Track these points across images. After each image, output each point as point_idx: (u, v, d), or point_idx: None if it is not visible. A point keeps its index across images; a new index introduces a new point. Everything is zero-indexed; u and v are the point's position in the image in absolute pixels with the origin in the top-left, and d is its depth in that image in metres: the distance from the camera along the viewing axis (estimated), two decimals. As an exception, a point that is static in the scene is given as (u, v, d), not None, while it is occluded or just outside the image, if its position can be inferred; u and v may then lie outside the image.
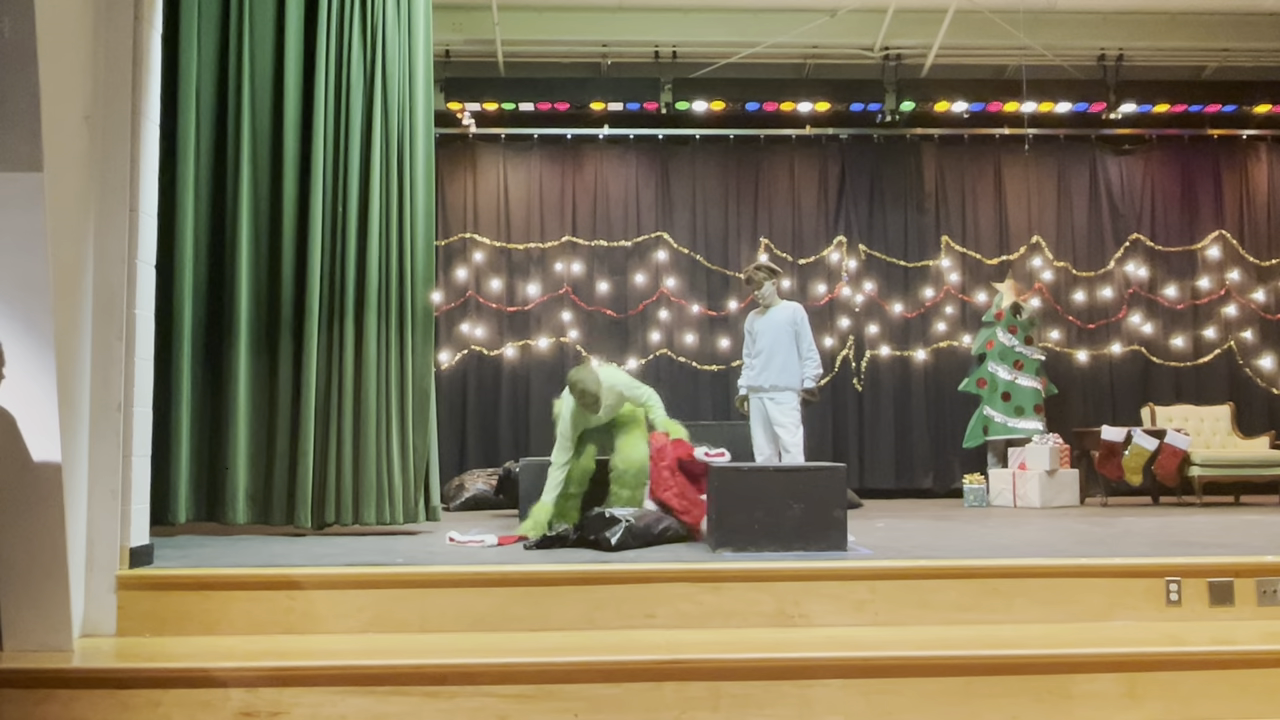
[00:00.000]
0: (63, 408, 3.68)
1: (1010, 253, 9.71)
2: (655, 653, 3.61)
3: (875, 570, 4.19)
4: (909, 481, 9.47)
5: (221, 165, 5.92)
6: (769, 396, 6.44)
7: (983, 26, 8.76)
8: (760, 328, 6.57)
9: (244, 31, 5.92)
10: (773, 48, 8.95)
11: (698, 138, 9.59)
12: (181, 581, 4.07)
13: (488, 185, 9.59)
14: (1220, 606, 4.14)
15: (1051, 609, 4.14)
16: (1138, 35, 9.12)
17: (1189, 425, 8.83)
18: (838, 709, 3.52)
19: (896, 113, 9.37)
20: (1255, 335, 9.62)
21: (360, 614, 4.04)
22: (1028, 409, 8.86)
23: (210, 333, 5.87)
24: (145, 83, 4.16)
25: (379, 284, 5.85)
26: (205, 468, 5.81)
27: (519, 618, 4.04)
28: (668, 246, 9.54)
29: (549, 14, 8.87)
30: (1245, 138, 9.81)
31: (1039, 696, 3.57)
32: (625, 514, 4.99)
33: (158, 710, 3.44)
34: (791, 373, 6.42)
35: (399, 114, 5.95)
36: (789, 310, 6.53)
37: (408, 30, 6.02)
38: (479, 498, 8.27)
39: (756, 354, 6.55)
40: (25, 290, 3.58)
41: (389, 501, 5.73)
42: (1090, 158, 9.82)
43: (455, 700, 3.47)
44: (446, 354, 9.29)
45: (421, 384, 5.88)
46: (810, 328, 6.58)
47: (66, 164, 3.74)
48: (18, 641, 3.76)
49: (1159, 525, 6.19)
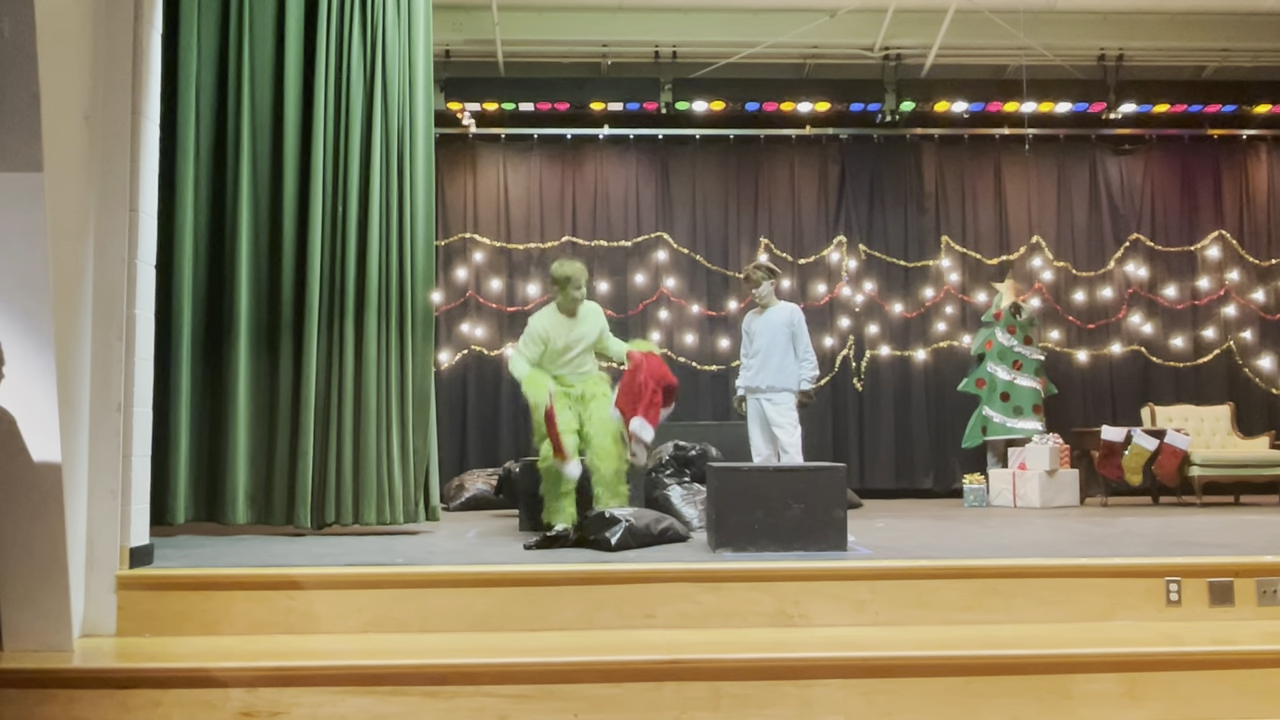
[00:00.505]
0: (63, 408, 3.68)
1: (1010, 253, 9.71)
2: (655, 653, 3.61)
3: (875, 570, 4.19)
4: (909, 481, 9.47)
5: (221, 165, 5.92)
6: (765, 397, 6.44)
7: (983, 26, 8.76)
8: (757, 328, 6.56)
9: (244, 31, 5.92)
10: (773, 48, 8.95)
11: (698, 138, 9.59)
12: (181, 581, 4.07)
13: (488, 185, 9.59)
14: (1220, 606, 4.14)
15: (1051, 609, 4.14)
16: (1138, 35, 9.12)
17: (1189, 425, 8.83)
18: (838, 709, 3.52)
19: (896, 113, 9.37)
20: (1255, 335, 9.62)
21: (360, 614, 4.04)
22: (1026, 409, 8.86)
23: (210, 332, 5.87)
24: (145, 82, 4.16)
25: (379, 284, 5.85)
26: (205, 468, 5.80)
27: (519, 618, 4.04)
28: (668, 246, 9.53)
29: (549, 14, 8.87)
30: (1245, 138, 9.81)
31: (1039, 696, 3.57)
32: (625, 514, 4.99)
33: (158, 710, 3.44)
34: (788, 374, 6.41)
35: (399, 114, 5.95)
36: (786, 311, 6.52)
37: (408, 30, 6.02)
38: (479, 498, 8.27)
39: (753, 354, 6.55)
40: (25, 290, 3.58)
41: (389, 501, 5.73)
42: (1090, 158, 9.82)
43: (455, 700, 3.47)
44: (446, 354, 9.29)
45: (421, 384, 5.88)
46: (808, 329, 6.58)
47: (66, 164, 3.74)
48: (18, 641, 3.76)
49: (1159, 525, 6.19)
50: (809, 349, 6.48)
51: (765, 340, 6.46)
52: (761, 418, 6.48)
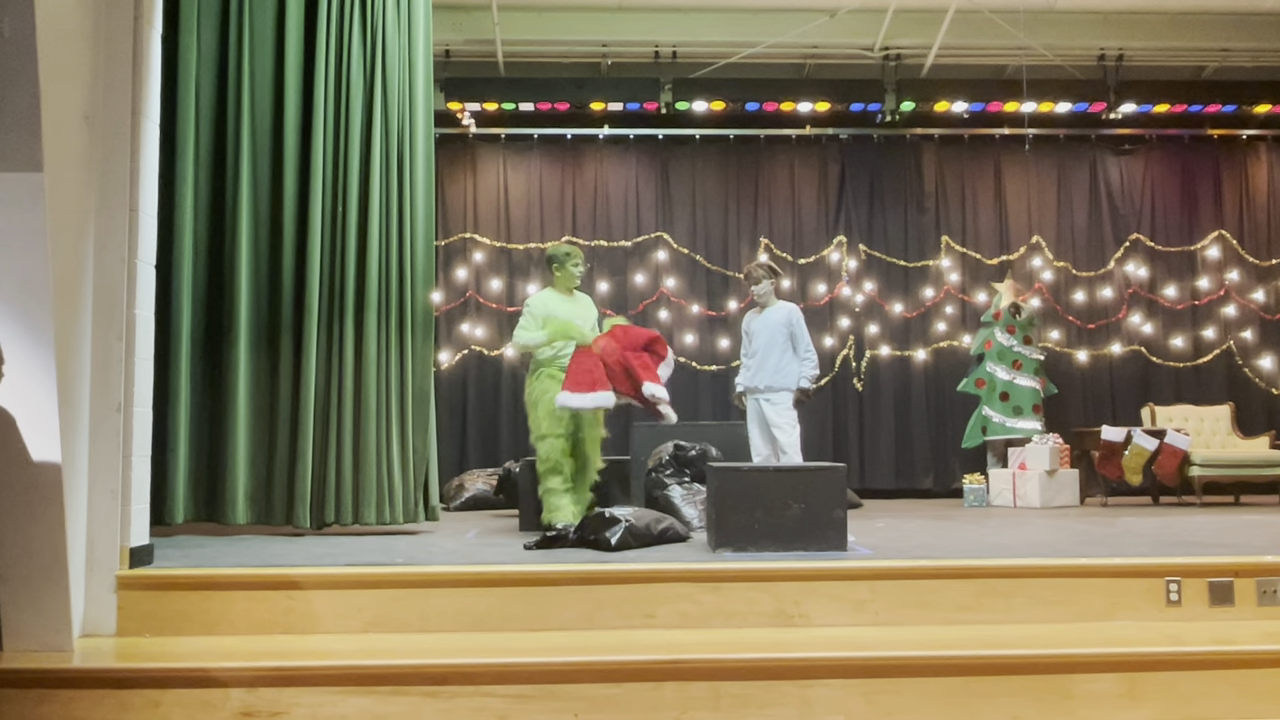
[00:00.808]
0: (63, 408, 3.68)
1: (1010, 253, 9.71)
2: (655, 653, 3.61)
3: (875, 570, 4.19)
4: (909, 481, 9.47)
5: (221, 165, 5.92)
6: (764, 397, 6.43)
7: (983, 26, 8.76)
8: (756, 328, 6.55)
9: (244, 31, 5.92)
10: (773, 48, 8.95)
11: (698, 138, 9.59)
12: (181, 581, 4.07)
13: (488, 185, 9.59)
14: (1220, 606, 4.14)
15: (1051, 609, 4.14)
16: (1138, 35, 9.12)
17: (1189, 425, 8.84)
18: (838, 709, 3.52)
19: (896, 113, 9.37)
20: (1255, 335, 9.62)
21: (360, 614, 4.04)
22: (1026, 409, 8.85)
23: (209, 332, 5.87)
24: (145, 82, 4.16)
25: (379, 284, 5.85)
26: (204, 468, 5.80)
27: (519, 618, 4.04)
28: (668, 246, 9.54)
29: (549, 14, 8.87)
30: (1245, 138, 9.81)
31: (1039, 696, 3.57)
32: (625, 514, 4.99)
33: (158, 710, 3.44)
34: (786, 373, 6.40)
35: (399, 114, 5.95)
36: (784, 311, 6.50)
37: (408, 30, 6.02)
38: (479, 498, 8.27)
39: (752, 354, 6.54)
40: (25, 290, 3.58)
41: (389, 501, 5.73)
42: (1090, 158, 9.82)
43: (455, 700, 3.47)
44: (446, 354, 9.29)
45: (421, 384, 5.88)
46: (808, 329, 6.57)
47: (66, 164, 3.74)
48: (18, 641, 3.76)
49: (1159, 525, 6.19)
50: (809, 347, 6.47)
51: (764, 340, 6.45)
52: (760, 418, 6.47)
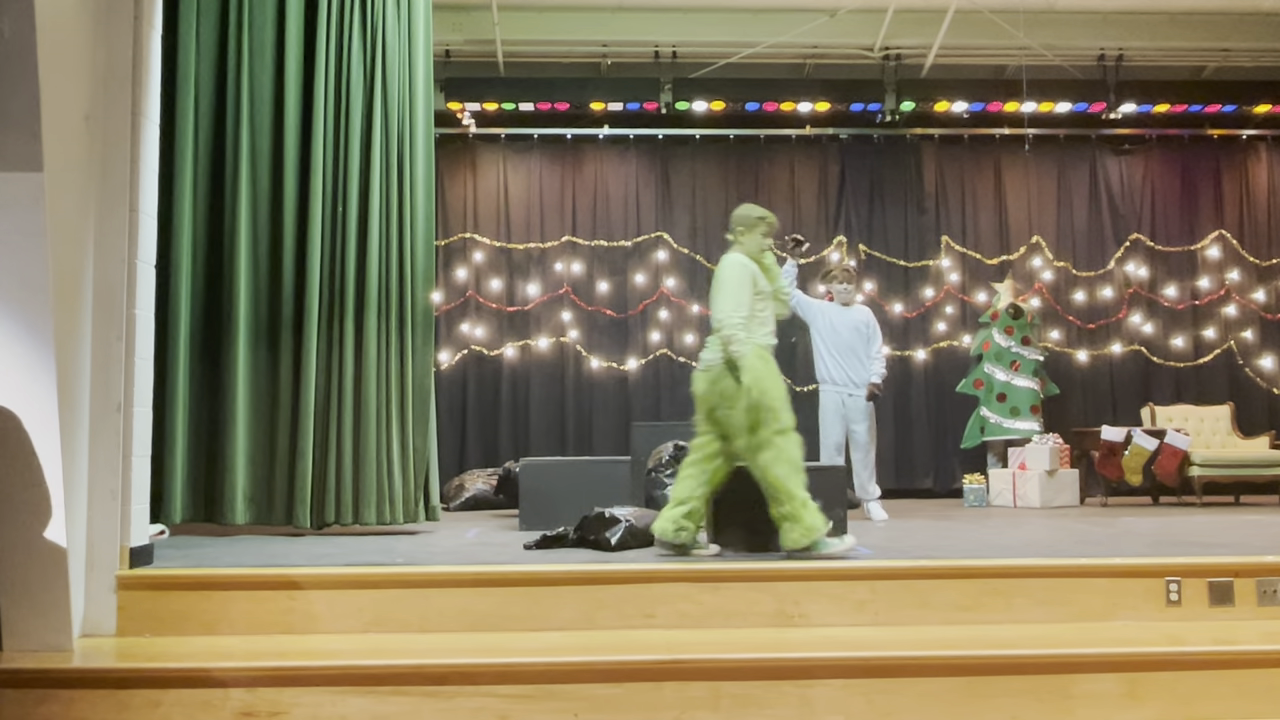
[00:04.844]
0: (63, 408, 3.68)
1: (1010, 253, 9.70)
2: (655, 653, 3.61)
3: (875, 570, 4.19)
4: (909, 481, 9.47)
5: (221, 165, 5.92)
6: (848, 391, 7.05)
7: (983, 26, 8.76)
8: (838, 323, 7.11)
9: (244, 31, 5.92)
10: (773, 48, 8.95)
11: (698, 138, 9.59)
12: (181, 581, 4.07)
13: (488, 185, 9.59)
14: (1220, 606, 4.14)
15: (1051, 609, 4.13)
16: (1138, 35, 9.12)
17: (1189, 425, 8.83)
18: (838, 709, 3.52)
19: (896, 113, 9.37)
20: (1255, 335, 9.62)
21: (360, 614, 4.04)
22: (1024, 410, 8.84)
23: (209, 332, 5.86)
24: (145, 82, 4.16)
25: (379, 284, 5.85)
26: (203, 467, 5.79)
27: (519, 618, 4.04)
28: (668, 246, 9.53)
29: (549, 14, 8.87)
30: (1245, 138, 9.81)
31: (1039, 696, 3.57)
32: (625, 514, 4.99)
33: (157, 710, 3.44)
34: (865, 371, 7.06)
35: (399, 114, 5.95)
36: (866, 313, 7.19)
37: (408, 30, 6.01)
38: (479, 498, 8.27)
39: (832, 349, 7.13)
40: (25, 290, 3.57)
41: (389, 501, 5.72)
42: (1090, 158, 9.82)
43: (455, 700, 3.47)
44: (446, 354, 9.29)
45: (421, 384, 5.88)
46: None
47: (66, 164, 3.74)
48: (18, 641, 3.75)
49: (1159, 525, 6.19)
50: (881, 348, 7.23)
51: (848, 337, 7.05)
52: (840, 411, 7.05)
